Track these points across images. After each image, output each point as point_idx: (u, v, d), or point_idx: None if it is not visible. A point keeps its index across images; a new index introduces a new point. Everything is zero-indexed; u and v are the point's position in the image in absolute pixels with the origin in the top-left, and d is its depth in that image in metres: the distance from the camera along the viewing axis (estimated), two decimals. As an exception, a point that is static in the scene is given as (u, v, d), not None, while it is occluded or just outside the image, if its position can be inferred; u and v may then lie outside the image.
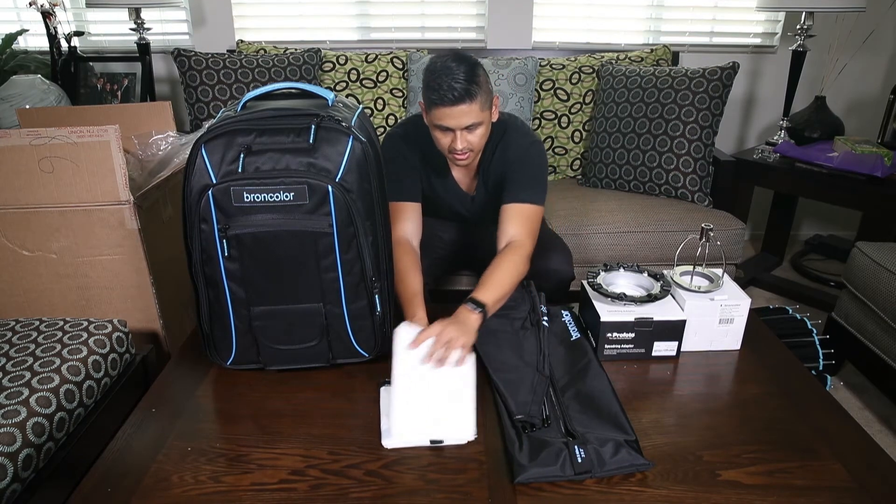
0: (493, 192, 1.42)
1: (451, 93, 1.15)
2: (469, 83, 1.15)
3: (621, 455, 0.84)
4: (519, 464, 0.83)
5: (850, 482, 0.82)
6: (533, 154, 1.34)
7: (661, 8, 2.51)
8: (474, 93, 1.16)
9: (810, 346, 1.56)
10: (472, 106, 1.17)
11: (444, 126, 1.20)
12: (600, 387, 1.00)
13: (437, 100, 1.17)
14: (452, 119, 1.19)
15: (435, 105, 1.18)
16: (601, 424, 0.91)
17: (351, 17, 2.50)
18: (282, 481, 0.83)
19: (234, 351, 1.04)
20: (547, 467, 0.82)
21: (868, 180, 1.95)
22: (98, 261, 1.36)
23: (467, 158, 1.27)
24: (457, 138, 1.22)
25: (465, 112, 1.17)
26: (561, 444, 0.86)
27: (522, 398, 0.96)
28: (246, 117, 0.91)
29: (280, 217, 0.92)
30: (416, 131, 1.37)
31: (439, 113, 1.19)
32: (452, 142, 1.23)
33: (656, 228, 1.88)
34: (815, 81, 2.55)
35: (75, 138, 1.26)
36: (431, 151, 1.35)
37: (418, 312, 1.14)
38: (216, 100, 2.18)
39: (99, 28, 2.51)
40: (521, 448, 0.86)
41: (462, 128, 1.20)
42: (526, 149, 1.35)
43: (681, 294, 1.13)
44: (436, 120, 1.21)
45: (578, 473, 0.82)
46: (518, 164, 1.33)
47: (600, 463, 0.83)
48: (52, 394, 1.02)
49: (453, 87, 1.14)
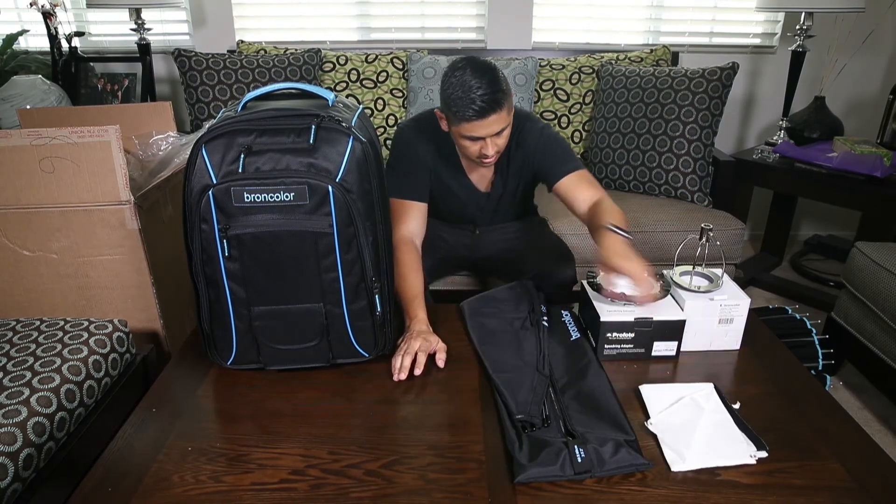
0: (512, 187, 1.43)
1: (479, 107, 1.15)
2: (496, 93, 1.16)
3: (621, 455, 0.84)
4: (519, 463, 0.83)
5: (849, 482, 0.82)
6: (551, 135, 1.38)
7: (661, 8, 2.51)
8: (502, 101, 1.17)
9: (810, 346, 1.56)
10: (500, 114, 1.18)
11: (475, 136, 1.21)
12: (600, 387, 1.00)
13: (465, 115, 1.17)
14: (483, 129, 1.20)
15: (465, 120, 1.18)
16: (601, 424, 0.91)
17: (351, 18, 2.50)
18: (282, 481, 0.83)
19: (234, 351, 1.04)
20: (547, 467, 0.82)
21: (867, 180, 1.96)
22: (98, 261, 1.36)
23: (495, 160, 1.29)
24: (487, 145, 1.23)
25: (495, 121, 1.19)
26: (561, 444, 0.86)
27: (522, 398, 0.96)
28: (246, 117, 0.91)
29: (280, 217, 0.92)
30: (430, 127, 1.37)
31: (469, 126, 1.19)
32: (482, 148, 1.24)
33: (656, 228, 1.88)
34: (815, 82, 2.55)
35: (76, 138, 1.26)
36: (445, 147, 1.35)
37: (419, 314, 1.15)
38: (216, 100, 2.18)
39: (99, 28, 2.51)
40: (520, 448, 0.86)
41: (492, 135, 1.22)
42: (543, 134, 1.38)
43: (680, 294, 1.14)
44: (465, 132, 1.21)
45: (578, 473, 0.82)
46: (545, 148, 1.37)
47: (600, 463, 0.83)
48: (53, 393, 1.02)
49: (481, 101, 1.15)
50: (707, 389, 0.99)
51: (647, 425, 0.92)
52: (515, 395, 0.97)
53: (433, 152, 1.39)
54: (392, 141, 1.42)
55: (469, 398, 1.00)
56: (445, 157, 1.40)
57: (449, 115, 1.22)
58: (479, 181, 1.45)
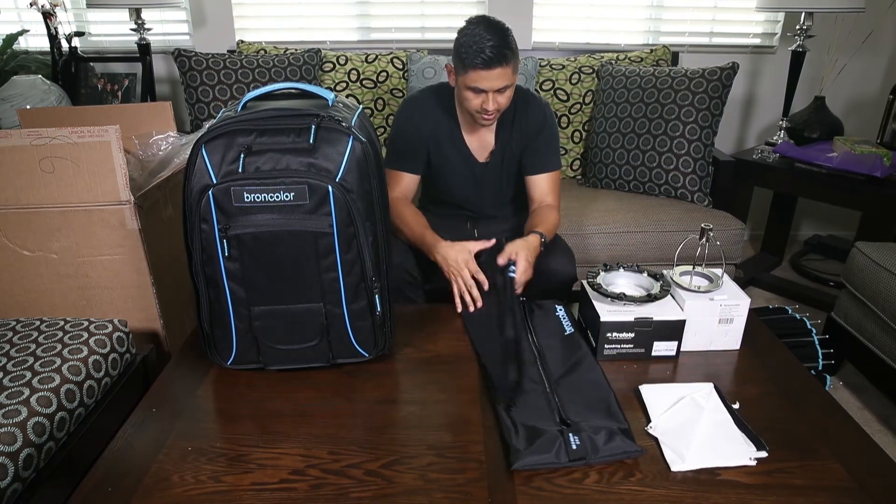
0: (509, 160, 1.50)
1: (487, 56, 1.22)
2: (504, 47, 1.22)
3: (615, 442, 0.86)
4: (516, 450, 0.85)
5: (849, 482, 0.82)
6: (550, 122, 1.46)
7: (661, 8, 2.51)
8: (509, 57, 1.24)
9: (810, 346, 1.56)
10: (506, 69, 1.25)
11: (478, 88, 1.27)
12: (594, 378, 1.02)
13: (473, 63, 1.23)
14: (487, 81, 1.26)
15: (471, 68, 1.25)
16: (595, 413, 0.93)
17: (351, 18, 2.50)
18: (282, 481, 0.83)
19: (234, 351, 1.04)
20: (543, 454, 0.84)
21: (867, 180, 1.96)
22: (98, 261, 1.36)
23: (494, 117, 1.36)
24: (489, 99, 1.29)
25: (499, 75, 1.25)
26: (556, 432, 0.88)
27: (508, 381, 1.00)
28: (246, 117, 0.91)
29: (280, 217, 0.92)
30: (436, 98, 1.45)
31: (475, 75, 1.25)
32: (483, 103, 1.30)
33: (656, 228, 1.88)
34: (815, 82, 2.55)
35: (76, 138, 1.26)
36: (446, 118, 1.44)
37: (438, 239, 1.32)
38: (216, 100, 2.18)
39: (99, 28, 2.51)
40: (517, 436, 0.88)
41: (495, 90, 1.27)
42: (544, 118, 1.45)
43: (680, 294, 1.14)
44: (470, 82, 1.27)
45: (573, 460, 0.84)
46: (539, 134, 1.45)
47: (594, 450, 0.85)
48: (53, 393, 1.02)
49: (490, 51, 1.21)
50: (707, 389, 1.00)
51: (648, 430, 0.92)
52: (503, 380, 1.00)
53: (434, 123, 1.46)
54: (396, 113, 1.50)
55: (469, 398, 1.00)
56: (447, 129, 1.47)
57: (457, 65, 1.28)
58: (478, 150, 1.49)
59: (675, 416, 0.94)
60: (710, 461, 0.85)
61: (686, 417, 0.94)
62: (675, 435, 0.90)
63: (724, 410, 0.95)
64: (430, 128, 1.46)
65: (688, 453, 0.86)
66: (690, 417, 0.93)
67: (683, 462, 0.85)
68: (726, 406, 0.96)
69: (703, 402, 0.97)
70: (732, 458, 0.86)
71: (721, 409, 0.95)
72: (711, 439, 0.89)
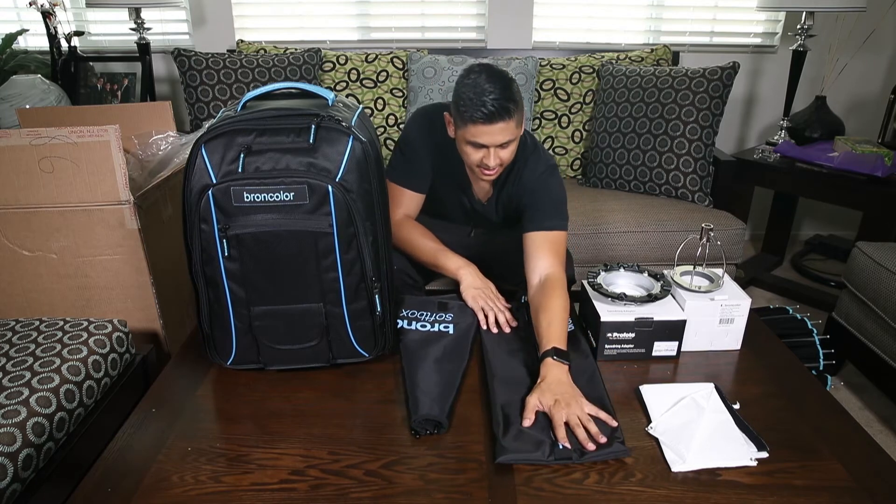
0: (504, 209, 1.42)
1: (489, 110, 1.12)
2: (507, 101, 1.12)
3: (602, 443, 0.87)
4: (501, 445, 0.86)
5: (850, 482, 0.82)
6: (551, 181, 1.31)
7: (661, 8, 2.51)
8: (512, 111, 1.13)
9: (810, 346, 1.56)
10: (508, 124, 1.14)
11: (479, 143, 1.18)
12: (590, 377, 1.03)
13: (472, 117, 1.14)
14: (489, 137, 1.16)
15: (471, 122, 1.15)
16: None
17: (351, 17, 2.50)
18: (282, 481, 0.83)
19: (234, 351, 1.04)
20: (528, 451, 0.85)
21: (868, 180, 1.95)
22: (98, 261, 1.36)
23: (495, 174, 1.25)
24: (490, 155, 1.19)
25: (501, 130, 1.15)
26: (543, 436, 0.88)
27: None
28: (246, 117, 0.91)
29: (280, 217, 0.92)
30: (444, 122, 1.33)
31: (475, 130, 1.15)
32: (484, 158, 1.20)
33: (656, 228, 1.88)
34: (816, 81, 2.55)
35: (75, 138, 1.26)
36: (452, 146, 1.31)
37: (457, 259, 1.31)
38: (216, 100, 2.18)
39: (99, 28, 2.51)
40: (505, 430, 0.89)
41: (497, 145, 1.18)
42: (543, 176, 1.31)
43: (681, 294, 1.13)
44: (470, 137, 1.18)
45: (559, 459, 0.85)
46: (538, 192, 1.30)
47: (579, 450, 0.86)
48: (52, 394, 1.02)
49: (492, 105, 1.11)
50: (707, 389, 0.99)
51: (648, 430, 0.92)
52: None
53: (442, 148, 1.36)
54: (408, 123, 1.41)
55: (469, 398, 1.00)
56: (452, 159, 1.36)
57: (456, 118, 1.19)
58: (479, 191, 1.44)
59: (675, 417, 0.94)
60: (711, 461, 0.85)
61: (686, 418, 0.93)
62: (676, 435, 0.90)
63: (725, 411, 0.95)
64: (438, 150, 1.37)
65: (688, 454, 0.86)
66: (691, 418, 0.93)
67: (684, 462, 0.85)
68: (727, 406, 0.96)
69: (704, 402, 0.96)
70: (733, 458, 0.86)
71: (722, 410, 0.95)
72: (712, 439, 0.89)
